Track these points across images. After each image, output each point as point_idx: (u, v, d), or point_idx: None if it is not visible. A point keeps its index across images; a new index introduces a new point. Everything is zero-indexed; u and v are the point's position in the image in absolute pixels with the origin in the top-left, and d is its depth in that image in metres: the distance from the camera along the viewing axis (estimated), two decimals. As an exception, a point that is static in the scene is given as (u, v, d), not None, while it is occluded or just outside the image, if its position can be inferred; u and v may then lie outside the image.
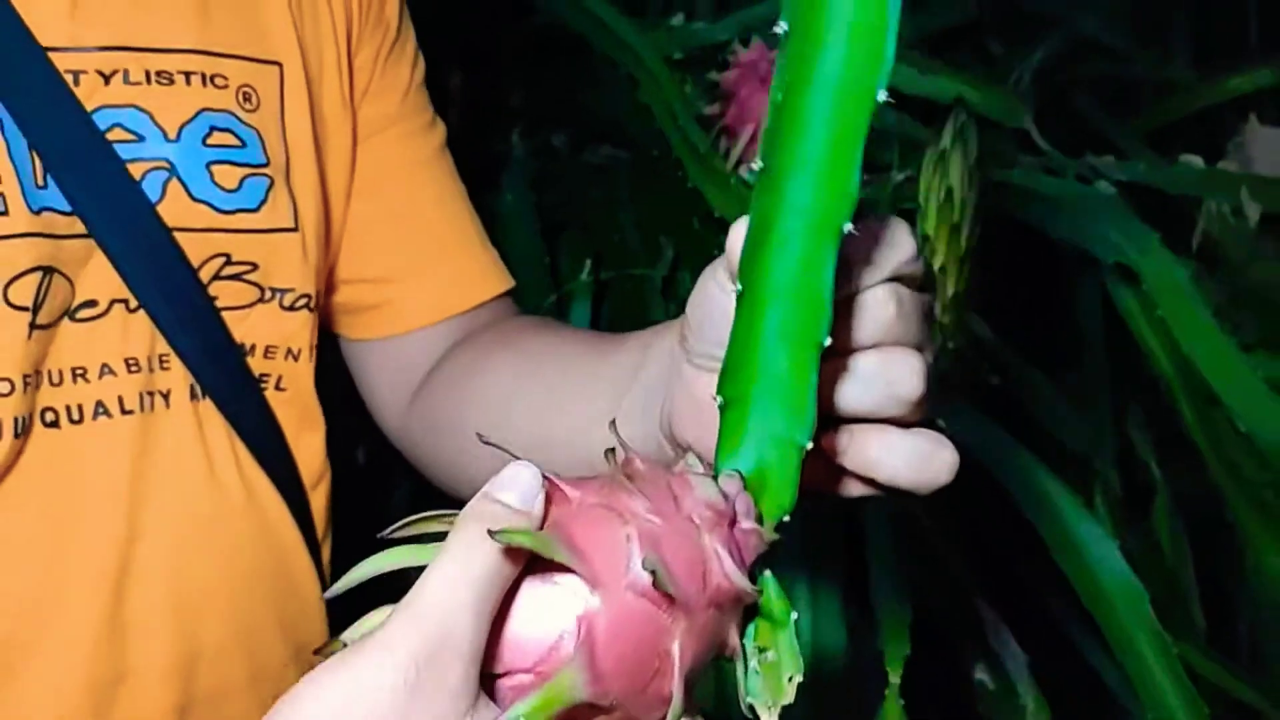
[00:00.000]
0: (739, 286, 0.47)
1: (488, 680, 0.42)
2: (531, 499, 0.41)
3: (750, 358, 0.47)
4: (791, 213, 0.45)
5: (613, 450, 0.46)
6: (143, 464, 0.67)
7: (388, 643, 0.38)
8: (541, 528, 0.42)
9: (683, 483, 0.45)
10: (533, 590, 0.42)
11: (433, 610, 0.38)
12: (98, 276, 0.65)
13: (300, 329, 0.72)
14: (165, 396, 0.68)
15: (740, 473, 0.47)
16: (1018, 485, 1.12)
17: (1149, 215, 1.22)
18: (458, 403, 0.76)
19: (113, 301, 0.66)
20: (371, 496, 1.51)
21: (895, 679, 0.86)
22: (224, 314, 0.69)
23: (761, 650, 0.46)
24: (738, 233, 0.48)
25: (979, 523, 1.24)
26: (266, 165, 0.70)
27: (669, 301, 1.34)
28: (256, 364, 0.72)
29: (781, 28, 0.45)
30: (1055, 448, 1.31)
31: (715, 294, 0.52)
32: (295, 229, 0.71)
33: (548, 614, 0.42)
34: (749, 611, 0.47)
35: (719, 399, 0.48)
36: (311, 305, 0.73)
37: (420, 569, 0.41)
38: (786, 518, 0.48)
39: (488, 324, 0.82)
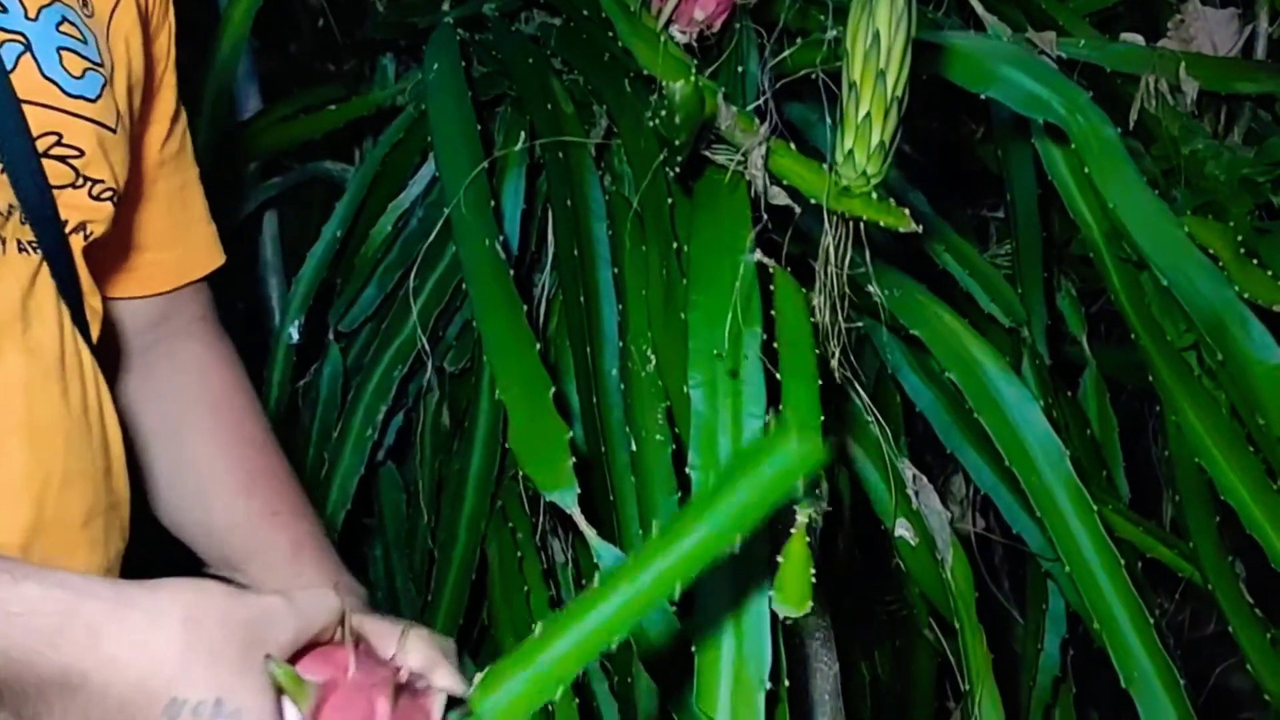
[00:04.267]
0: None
1: None
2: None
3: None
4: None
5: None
6: None
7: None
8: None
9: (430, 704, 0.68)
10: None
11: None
12: None
13: (104, 218, 0.78)
14: (2, 243, 0.73)
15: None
16: (941, 347, 1.13)
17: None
18: (155, 437, 0.93)
19: None
20: (301, 371, 1.50)
21: (803, 518, 0.86)
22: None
23: None
24: None
25: (903, 386, 1.25)
26: (101, 65, 0.76)
27: (603, 173, 1.32)
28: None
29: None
30: (985, 319, 1.31)
31: None
32: (115, 130, 0.77)
33: None
34: None
35: (479, 678, 0.68)
36: (115, 200, 0.79)
37: None
38: None
39: (188, 313, 0.96)
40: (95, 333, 0.80)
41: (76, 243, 0.78)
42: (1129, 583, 1.05)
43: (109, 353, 0.90)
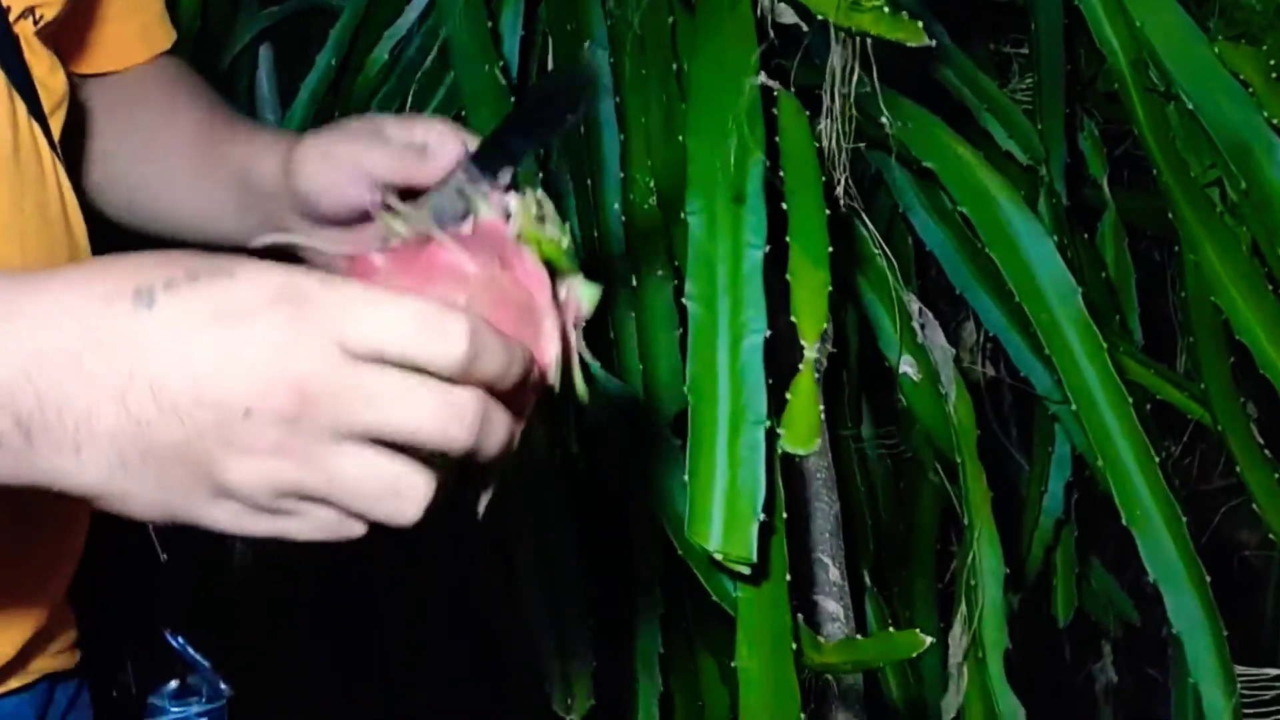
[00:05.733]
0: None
1: None
2: None
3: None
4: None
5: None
6: None
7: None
8: None
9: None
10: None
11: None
12: None
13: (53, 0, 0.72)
14: None
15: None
16: (954, 179, 1.09)
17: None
18: (114, 174, 0.85)
19: None
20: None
21: (810, 353, 0.84)
22: None
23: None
24: None
25: (915, 226, 1.21)
26: None
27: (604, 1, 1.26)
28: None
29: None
30: (1002, 156, 1.26)
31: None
32: None
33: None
34: None
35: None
36: None
37: None
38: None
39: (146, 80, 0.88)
40: (59, 120, 0.75)
41: (25, 29, 0.72)
42: (1135, 420, 1.03)
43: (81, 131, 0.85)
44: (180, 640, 0.80)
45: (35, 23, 0.73)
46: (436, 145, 0.68)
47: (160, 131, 0.83)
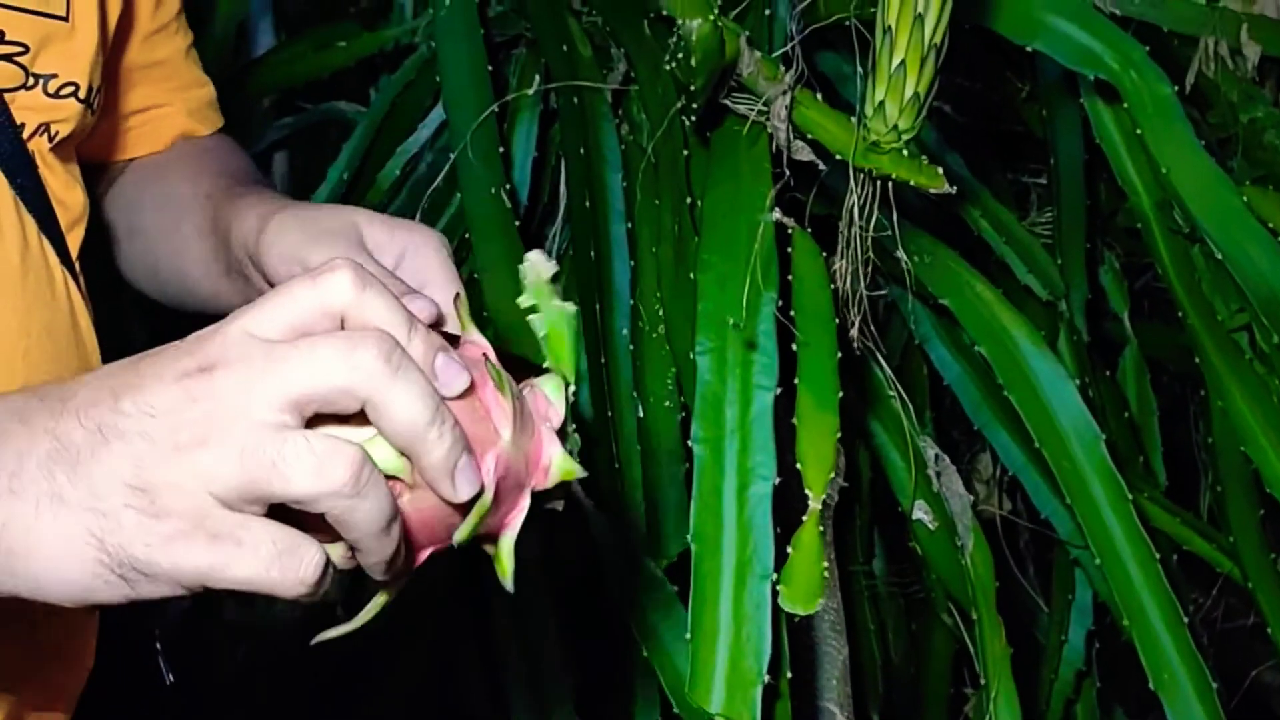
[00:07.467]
0: None
1: None
2: None
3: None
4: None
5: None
6: None
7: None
8: None
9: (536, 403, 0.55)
10: None
11: None
12: None
13: (70, 115, 0.72)
14: None
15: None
16: (972, 318, 1.05)
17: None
18: (139, 250, 0.88)
19: None
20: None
21: (815, 505, 0.80)
22: None
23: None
24: None
25: (931, 358, 1.18)
26: None
27: (620, 121, 1.25)
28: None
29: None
30: (1021, 290, 1.24)
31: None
32: (66, 19, 0.71)
33: None
34: None
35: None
36: (80, 95, 0.72)
37: None
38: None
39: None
40: (78, 236, 0.74)
41: (40, 145, 0.71)
42: (1163, 577, 0.99)
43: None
44: None
45: (50, 139, 0.72)
46: (410, 266, 0.68)
47: (184, 206, 0.83)
